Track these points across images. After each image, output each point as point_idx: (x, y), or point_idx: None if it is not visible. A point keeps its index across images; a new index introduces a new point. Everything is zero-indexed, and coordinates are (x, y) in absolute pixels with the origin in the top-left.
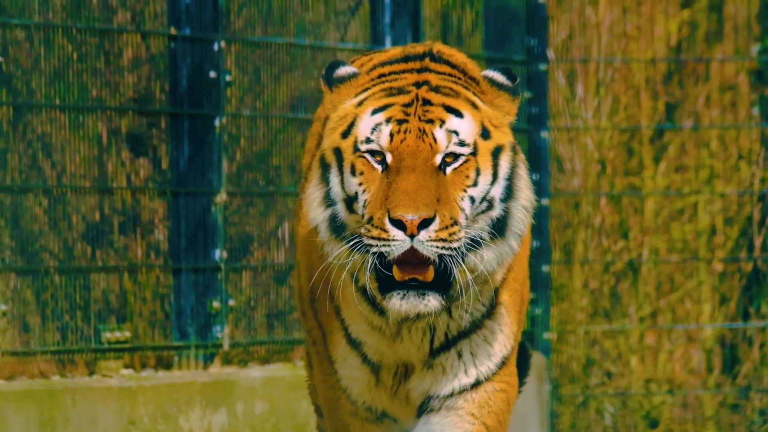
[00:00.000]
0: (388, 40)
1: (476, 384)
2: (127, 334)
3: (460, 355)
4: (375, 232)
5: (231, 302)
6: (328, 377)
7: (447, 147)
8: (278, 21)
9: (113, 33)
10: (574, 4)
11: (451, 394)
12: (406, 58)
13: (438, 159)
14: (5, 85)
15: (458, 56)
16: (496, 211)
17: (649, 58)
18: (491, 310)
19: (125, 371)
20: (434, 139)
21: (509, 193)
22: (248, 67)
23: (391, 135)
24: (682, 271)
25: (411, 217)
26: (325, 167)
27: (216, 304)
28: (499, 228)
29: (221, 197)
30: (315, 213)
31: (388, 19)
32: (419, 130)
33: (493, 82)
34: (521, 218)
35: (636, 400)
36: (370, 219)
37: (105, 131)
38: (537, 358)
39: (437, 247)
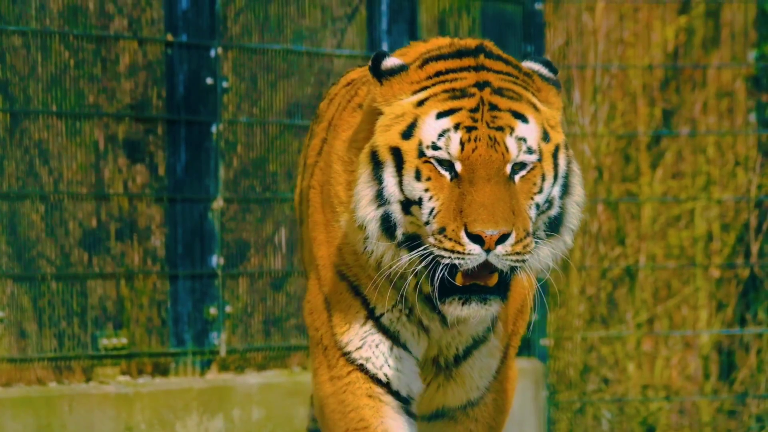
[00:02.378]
0: (384, 47)
1: (479, 396)
2: (124, 340)
3: (472, 368)
4: (448, 244)
5: (228, 308)
6: (337, 369)
7: (517, 156)
8: (275, 27)
9: (110, 39)
10: (571, 10)
11: (456, 408)
12: (459, 53)
13: (509, 168)
14: (2, 92)
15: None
16: (554, 210)
17: (646, 64)
18: (493, 324)
19: (122, 378)
20: (506, 148)
21: (565, 191)
22: (245, 73)
23: (462, 143)
24: (679, 277)
25: (491, 232)
26: (377, 164)
27: (213, 310)
28: (555, 225)
29: (218, 203)
30: (365, 211)
31: (385, 26)
32: (489, 138)
33: (542, 77)
34: (575, 213)
35: (633, 406)
36: (442, 230)
37: (102, 138)
38: (534, 364)
39: (512, 260)
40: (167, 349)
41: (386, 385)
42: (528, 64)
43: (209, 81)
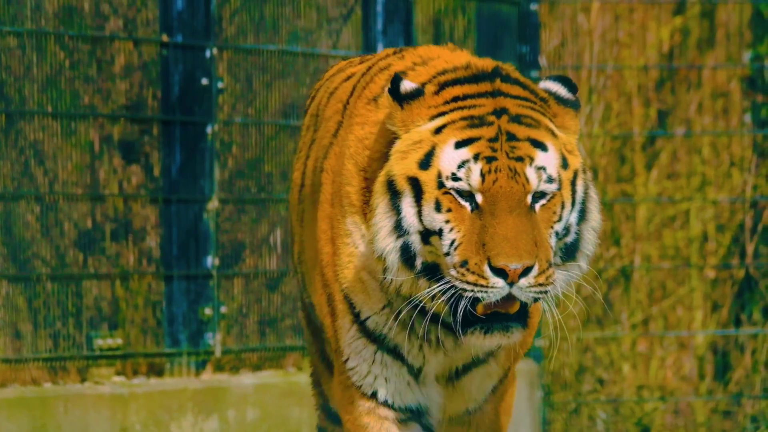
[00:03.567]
0: (380, 47)
1: (477, 408)
2: (119, 341)
3: (471, 382)
4: (471, 278)
5: (223, 309)
6: (343, 375)
7: (538, 186)
8: (270, 28)
9: (105, 40)
10: (566, 11)
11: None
12: (476, 78)
13: (529, 199)
14: None
15: (517, 73)
16: (571, 237)
17: (641, 65)
18: (494, 352)
19: (117, 378)
20: (526, 179)
21: (582, 216)
22: (240, 74)
23: (482, 175)
24: (674, 278)
25: (515, 266)
26: (395, 194)
27: (208, 311)
28: (571, 251)
29: (213, 204)
30: (384, 242)
31: (380, 26)
32: (509, 169)
33: (558, 99)
34: (591, 239)
35: (628, 406)
36: (464, 263)
37: (97, 138)
38: (529, 365)
39: (535, 292)
40: (162, 349)
41: (374, 397)
42: (545, 85)
43: (204, 81)
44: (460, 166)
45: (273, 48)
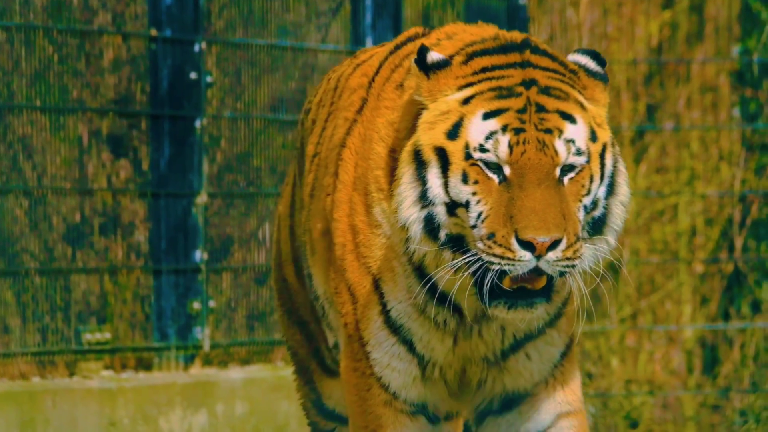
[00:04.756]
0: (369, 41)
1: (541, 381)
2: (108, 335)
3: (528, 357)
4: (498, 250)
5: (211, 303)
6: (358, 363)
7: (567, 159)
8: (259, 22)
9: (94, 34)
10: (555, 5)
11: (524, 392)
12: (504, 48)
13: (558, 171)
14: None
15: (546, 45)
16: (599, 210)
17: (630, 59)
18: (554, 320)
19: (105, 372)
20: (555, 151)
21: (610, 191)
22: (229, 68)
23: (510, 146)
24: (663, 272)
25: (543, 239)
26: (420, 164)
27: (196, 305)
28: (599, 226)
29: (202, 198)
30: (408, 212)
31: (369, 20)
32: (538, 141)
33: (588, 71)
34: (619, 214)
35: (616, 400)
36: (491, 235)
37: (85, 133)
38: None
39: (562, 266)
40: (151, 343)
41: (392, 392)
42: (574, 58)
43: (193, 76)
44: (488, 138)
45: (262, 42)
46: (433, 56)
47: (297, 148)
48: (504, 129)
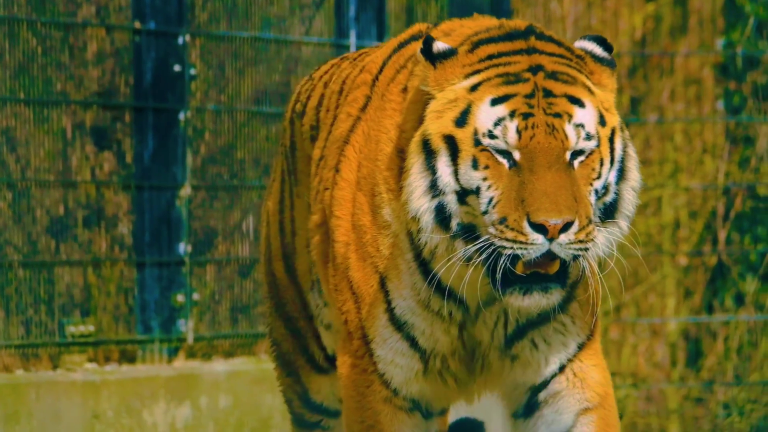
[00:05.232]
0: (352, 34)
1: (560, 368)
2: (91, 328)
3: (535, 345)
4: (510, 234)
5: (195, 296)
6: (359, 360)
7: (576, 143)
8: (243, 15)
9: (78, 27)
10: None
11: (543, 383)
12: (510, 36)
13: (568, 156)
14: None
15: (551, 32)
16: (610, 196)
17: (614, 52)
18: (565, 305)
19: (89, 365)
20: (565, 135)
21: (621, 175)
22: (213, 60)
23: (519, 132)
24: (647, 264)
25: (554, 221)
26: (430, 154)
27: (180, 297)
28: (610, 211)
29: (185, 191)
30: (419, 203)
31: (352, 13)
32: (547, 125)
33: (594, 57)
34: (630, 199)
35: None
36: (503, 220)
37: (69, 125)
38: None
39: (575, 249)
40: (134, 336)
41: (393, 388)
42: (581, 44)
43: (177, 68)
44: (496, 123)
45: (245, 35)
46: (439, 46)
47: (284, 146)
48: (512, 114)
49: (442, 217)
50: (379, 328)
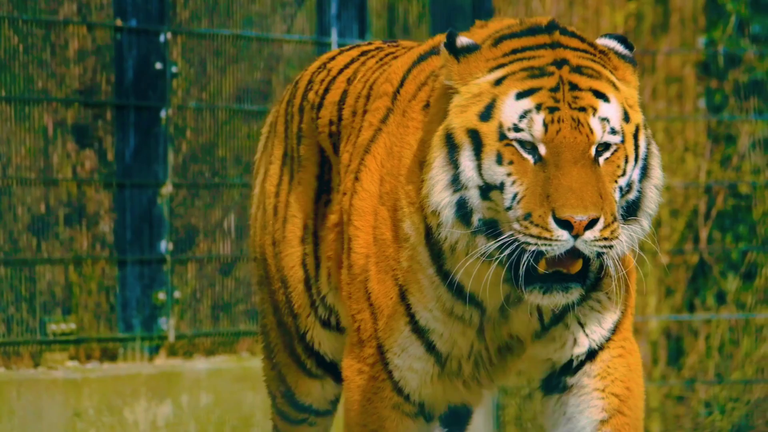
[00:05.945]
0: (334, 32)
1: (590, 354)
2: (73, 326)
3: (567, 326)
4: (535, 231)
5: (176, 294)
6: (369, 367)
7: (602, 137)
8: (224, 13)
9: (59, 25)
10: None
11: (572, 367)
12: (533, 31)
13: (593, 150)
14: None
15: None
16: (633, 193)
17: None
18: (598, 282)
19: (70, 363)
20: (590, 129)
21: (644, 173)
22: (194, 58)
23: (545, 125)
24: None
25: (580, 218)
26: (453, 148)
27: (161, 295)
28: (633, 209)
29: (167, 189)
30: (440, 197)
31: (334, 11)
32: (572, 119)
33: (617, 53)
34: (653, 197)
35: None
36: (528, 215)
37: (51, 123)
38: None
39: (599, 246)
40: (116, 334)
41: (405, 394)
42: (603, 41)
43: (158, 66)
44: (522, 117)
45: (227, 33)
46: (462, 40)
47: (287, 131)
48: (538, 108)
49: (463, 212)
50: (398, 339)
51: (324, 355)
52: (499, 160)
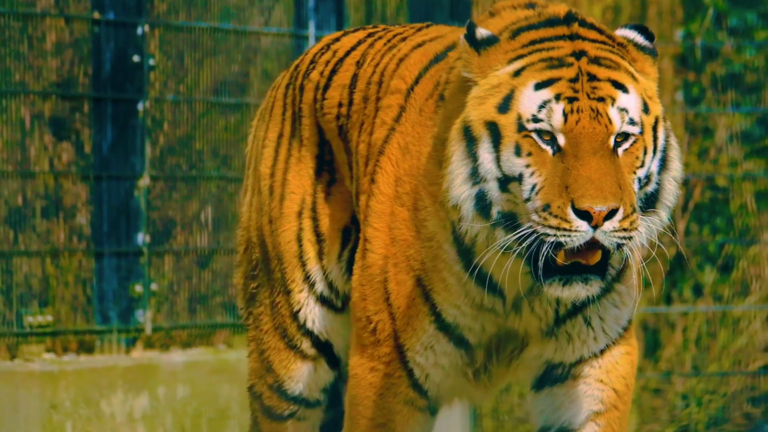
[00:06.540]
0: (311, 25)
1: (603, 349)
2: (49, 318)
3: (587, 321)
4: (554, 222)
5: (153, 286)
6: (384, 365)
7: (621, 127)
8: (202, 5)
9: (36, 17)
10: None
11: (579, 361)
12: (551, 22)
13: (612, 141)
14: None
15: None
16: (652, 185)
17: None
18: (621, 273)
19: (47, 355)
20: (609, 119)
21: (663, 165)
22: (172, 51)
23: (565, 115)
24: None
25: (600, 208)
26: (471, 140)
27: (138, 288)
28: (651, 201)
29: (144, 181)
30: (459, 190)
31: (312, 4)
32: (591, 109)
33: (636, 45)
34: (671, 189)
35: None
36: (546, 206)
37: (28, 115)
38: None
39: (619, 237)
40: (92, 326)
41: (424, 390)
42: (622, 32)
43: (136, 59)
44: (541, 107)
45: (204, 25)
46: (482, 32)
47: (285, 109)
48: (557, 98)
49: (482, 205)
50: (422, 338)
51: (318, 335)
52: (518, 152)
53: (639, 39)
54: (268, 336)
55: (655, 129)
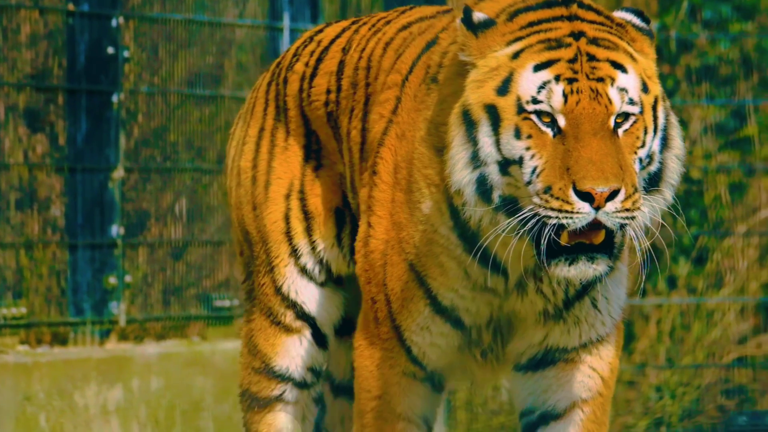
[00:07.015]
0: (286, 17)
1: (609, 333)
2: (23, 310)
3: (594, 303)
4: (555, 204)
5: (127, 278)
6: (382, 341)
7: (620, 107)
8: None
9: (11, 9)
10: None
11: (582, 346)
12: (549, 3)
13: (612, 121)
14: None
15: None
16: (654, 165)
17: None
18: (620, 249)
19: (21, 347)
20: (609, 99)
21: (664, 144)
22: (146, 43)
23: (565, 95)
24: None
25: (601, 189)
26: (470, 124)
27: (112, 280)
28: (655, 180)
29: (118, 173)
30: (460, 174)
31: None
32: (591, 90)
33: (634, 26)
34: (675, 168)
35: None
36: (548, 189)
37: (2, 107)
38: None
39: (621, 217)
40: (66, 318)
41: (422, 365)
42: (620, 14)
43: (110, 50)
44: (540, 89)
45: (179, 17)
46: (479, 15)
47: (268, 103)
48: (557, 79)
49: (483, 189)
50: (418, 319)
51: (302, 305)
52: (518, 135)
53: (636, 20)
54: (255, 322)
55: (654, 108)
